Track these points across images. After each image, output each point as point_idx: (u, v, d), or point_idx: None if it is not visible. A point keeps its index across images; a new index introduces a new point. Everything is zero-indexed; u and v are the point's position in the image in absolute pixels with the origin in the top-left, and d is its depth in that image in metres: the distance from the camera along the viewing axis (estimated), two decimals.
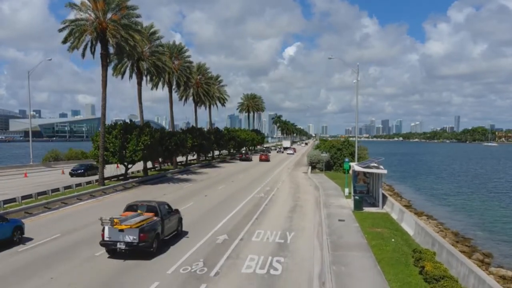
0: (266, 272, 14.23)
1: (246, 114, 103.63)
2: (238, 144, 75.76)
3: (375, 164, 27.34)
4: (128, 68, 39.45)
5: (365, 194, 29.46)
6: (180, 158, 55.15)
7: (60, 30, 30.65)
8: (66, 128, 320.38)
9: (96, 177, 35.38)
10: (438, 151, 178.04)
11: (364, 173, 29.57)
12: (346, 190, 31.53)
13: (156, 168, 48.95)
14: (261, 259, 15.55)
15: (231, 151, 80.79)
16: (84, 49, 31.43)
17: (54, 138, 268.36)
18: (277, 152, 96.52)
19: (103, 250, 16.14)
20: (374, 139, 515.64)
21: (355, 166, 26.73)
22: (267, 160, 67.06)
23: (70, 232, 19.12)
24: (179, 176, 44.27)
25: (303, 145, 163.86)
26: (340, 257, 15.74)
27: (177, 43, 50.35)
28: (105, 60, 32.10)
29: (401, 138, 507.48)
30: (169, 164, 53.07)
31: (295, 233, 19.81)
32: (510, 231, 26.78)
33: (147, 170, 41.17)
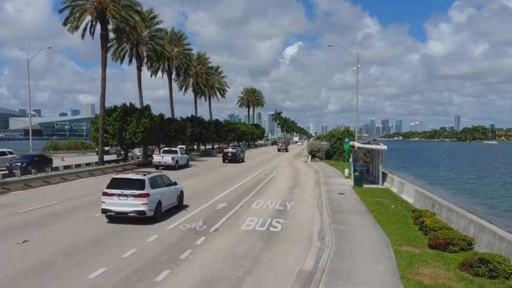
0: (265, 229, 14.23)
1: (246, 111, 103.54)
2: (238, 136, 75.66)
3: (375, 141, 27.29)
4: (127, 53, 39.42)
5: (365, 173, 29.46)
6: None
7: (61, 11, 30.64)
8: (66, 127, 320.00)
9: None
10: (437, 148, 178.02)
11: (364, 153, 29.60)
12: (346, 170, 31.51)
13: None
14: (260, 220, 15.55)
15: (230, 144, 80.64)
16: (84, 30, 31.40)
17: (54, 137, 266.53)
18: (290, 144, 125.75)
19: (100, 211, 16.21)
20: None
21: (355, 143, 26.71)
22: (288, 144, 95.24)
23: (69, 200, 19.13)
24: None
25: (306, 141, 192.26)
26: (340, 218, 15.73)
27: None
28: (105, 41, 32.05)
29: (401, 137, 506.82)
30: None
31: (294, 203, 19.79)
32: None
33: (147, 155, 41.12)
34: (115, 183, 14.70)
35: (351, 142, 29.64)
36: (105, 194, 14.40)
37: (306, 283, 9.08)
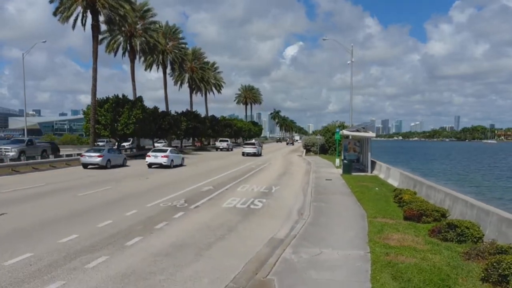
0: (246, 206, 14.32)
1: (247, 111, 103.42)
2: (234, 132, 75.67)
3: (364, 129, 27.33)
4: (121, 45, 39.47)
5: (356, 163, 29.55)
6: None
7: (51, 1, 30.71)
8: (65, 126, 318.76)
9: None
10: (436, 147, 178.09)
11: (355, 142, 29.67)
12: (337, 160, 31.58)
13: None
14: (243, 200, 15.64)
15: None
16: (75, 21, 31.47)
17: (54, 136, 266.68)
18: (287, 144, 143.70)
19: (85, 192, 16.41)
20: (374, 138, 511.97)
21: (345, 131, 26.79)
22: (293, 141, 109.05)
23: (56, 183, 19.21)
24: None
25: None
26: (322, 198, 15.79)
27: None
28: (96, 31, 32.12)
29: (400, 137, 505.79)
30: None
31: (280, 187, 19.87)
32: (503, 193, 27.10)
33: (140, 148, 41.21)
34: (246, 144, 48.52)
35: (341, 131, 29.71)
36: (243, 147, 46.28)
37: (275, 247, 9.13)
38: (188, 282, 6.99)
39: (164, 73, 49.59)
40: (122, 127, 33.86)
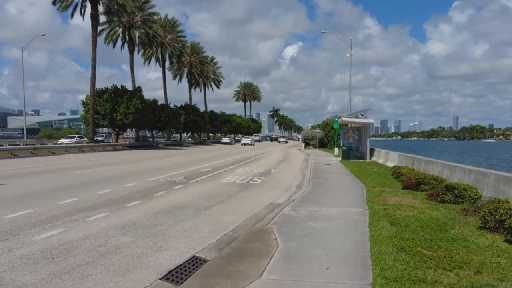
0: (246, 182, 14.38)
1: (247, 111, 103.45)
2: (234, 128, 75.69)
3: (363, 115, 27.41)
4: (120, 37, 39.49)
5: (355, 150, 29.63)
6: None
7: None
8: (64, 126, 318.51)
9: None
10: (434, 145, 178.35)
11: (353, 131, 29.76)
12: (336, 149, 31.64)
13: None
14: (242, 177, 15.71)
15: (226, 136, 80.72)
16: (74, 9, 31.50)
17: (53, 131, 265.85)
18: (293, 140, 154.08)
19: (84, 170, 16.44)
20: (373, 138, 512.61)
21: (343, 118, 26.85)
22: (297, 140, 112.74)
23: (54, 165, 19.26)
24: (171, 147, 44.48)
25: None
26: (321, 176, 15.86)
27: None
28: (95, 20, 32.14)
29: (399, 137, 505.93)
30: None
31: (279, 170, 19.94)
32: None
33: (139, 140, 41.21)
34: (281, 136, 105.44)
35: (340, 119, 29.79)
36: (279, 138, 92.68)
37: (273, 209, 9.20)
38: (188, 231, 7.06)
39: (163, 66, 49.69)
40: (121, 117, 33.88)
